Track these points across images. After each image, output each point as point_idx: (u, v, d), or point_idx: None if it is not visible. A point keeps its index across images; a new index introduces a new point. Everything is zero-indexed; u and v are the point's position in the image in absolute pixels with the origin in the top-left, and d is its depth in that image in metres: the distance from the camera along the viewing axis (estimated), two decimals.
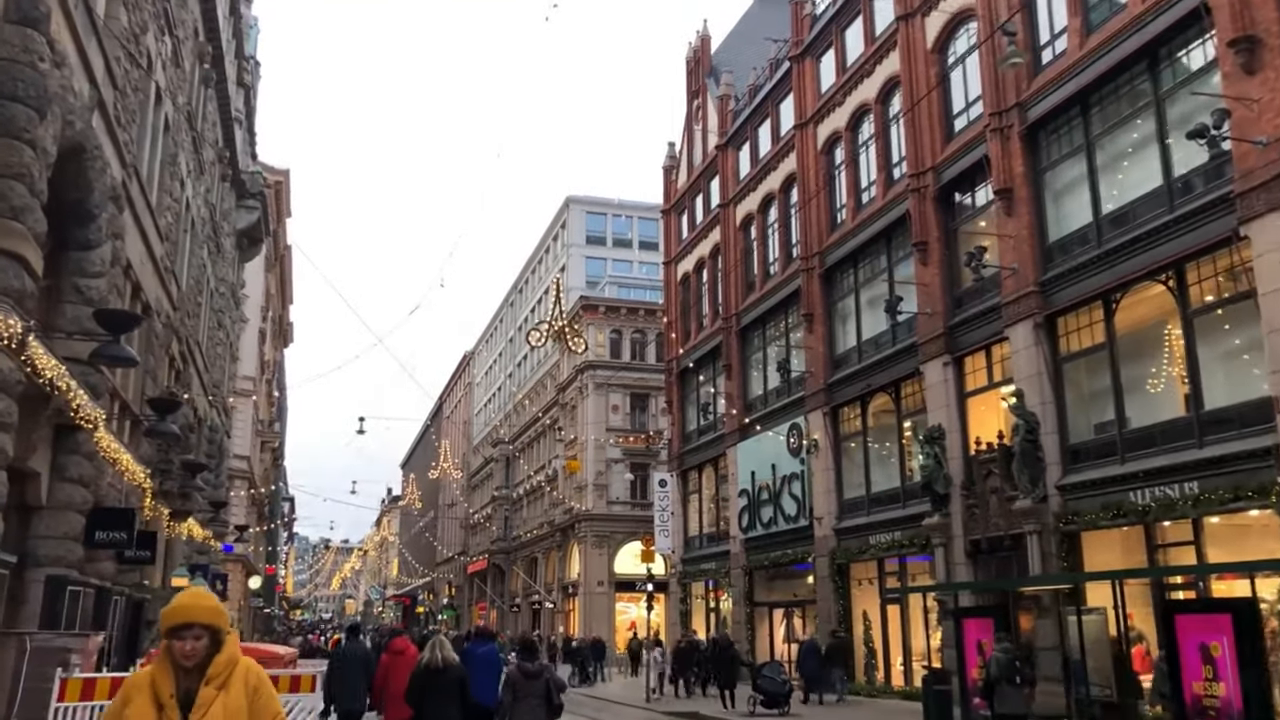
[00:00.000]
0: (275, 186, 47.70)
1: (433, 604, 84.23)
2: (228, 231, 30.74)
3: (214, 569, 29.44)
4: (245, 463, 44.19)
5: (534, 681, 8.94)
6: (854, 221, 26.11)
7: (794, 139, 29.28)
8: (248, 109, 33.30)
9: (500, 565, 65.58)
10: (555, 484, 54.60)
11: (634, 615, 49.44)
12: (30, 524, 12.71)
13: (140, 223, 16.86)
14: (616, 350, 51.10)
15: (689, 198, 37.66)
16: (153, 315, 18.73)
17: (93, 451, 13.52)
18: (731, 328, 32.59)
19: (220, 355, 30.48)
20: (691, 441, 36.15)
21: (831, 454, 26.32)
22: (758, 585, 30.87)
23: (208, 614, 3.75)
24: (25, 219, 9.96)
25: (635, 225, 58.40)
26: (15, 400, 10.05)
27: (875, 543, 24.05)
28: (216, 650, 3.73)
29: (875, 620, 24.54)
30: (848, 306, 26.66)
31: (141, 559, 16.32)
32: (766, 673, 19.55)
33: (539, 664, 9.19)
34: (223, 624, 3.78)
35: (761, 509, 29.71)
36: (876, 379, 24.54)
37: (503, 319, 75.71)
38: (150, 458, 19.20)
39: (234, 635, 3.84)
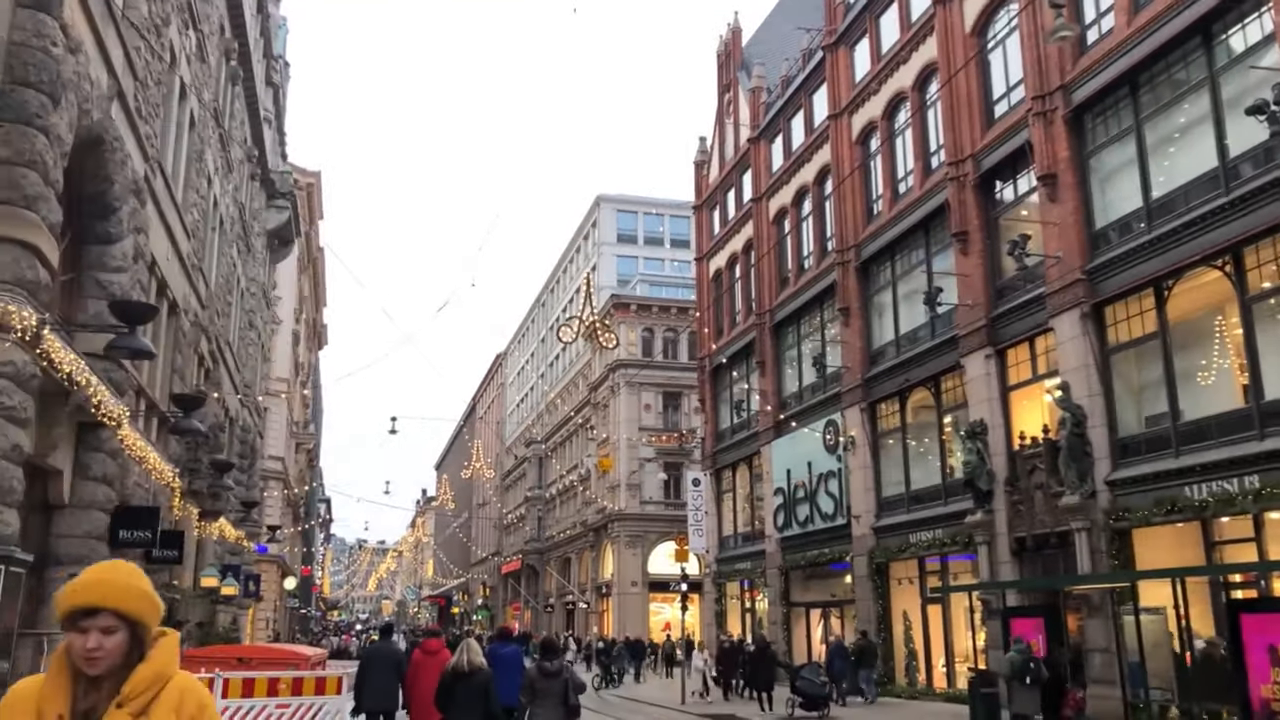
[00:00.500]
0: (307, 189, 47.79)
1: (467, 605, 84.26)
2: (258, 231, 30.66)
3: (247, 569, 29.38)
4: (279, 463, 44.26)
5: (552, 681, 8.92)
6: (890, 212, 25.49)
7: (828, 130, 28.69)
8: (277, 108, 33.23)
9: (534, 566, 65.38)
10: (588, 483, 54.27)
11: (668, 616, 49.00)
12: (52, 522, 12.49)
13: (165, 219, 16.66)
14: (648, 349, 50.67)
15: (721, 193, 37.14)
16: (180, 313, 18.56)
17: (116, 449, 13.28)
18: (765, 324, 32.04)
19: (252, 355, 30.39)
20: (725, 440, 35.63)
21: (869, 451, 25.71)
22: (794, 585, 30.30)
23: (124, 596, 2.55)
24: (39, 208, 9.69)
25: (666, 223, 57.97)
26: (32, 395, 9.78)
27: (915, 541, 23.42)
28: (139, 657, 2.58)
29: (916, 620, 23.90)
30: (885, 300, 26.04)
31: (169, 559, 16.08)
32: (805, 674, 19.02)
33: (558, 664, 9.16)
34: (147, 614, 2.58)
35: (797, 508, 29.14)
36: (915, 373, 23.92)
37: (534, 319, 75.55)
38: (179, 457, 19.02)
39: (170, 639, 2.67)
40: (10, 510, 9.42)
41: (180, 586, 18.81)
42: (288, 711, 11.60)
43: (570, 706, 8.94)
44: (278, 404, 44.55)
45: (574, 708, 9.01)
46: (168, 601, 18.09)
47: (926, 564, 23.71)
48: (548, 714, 8.86)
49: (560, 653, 9.91)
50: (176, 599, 18.40)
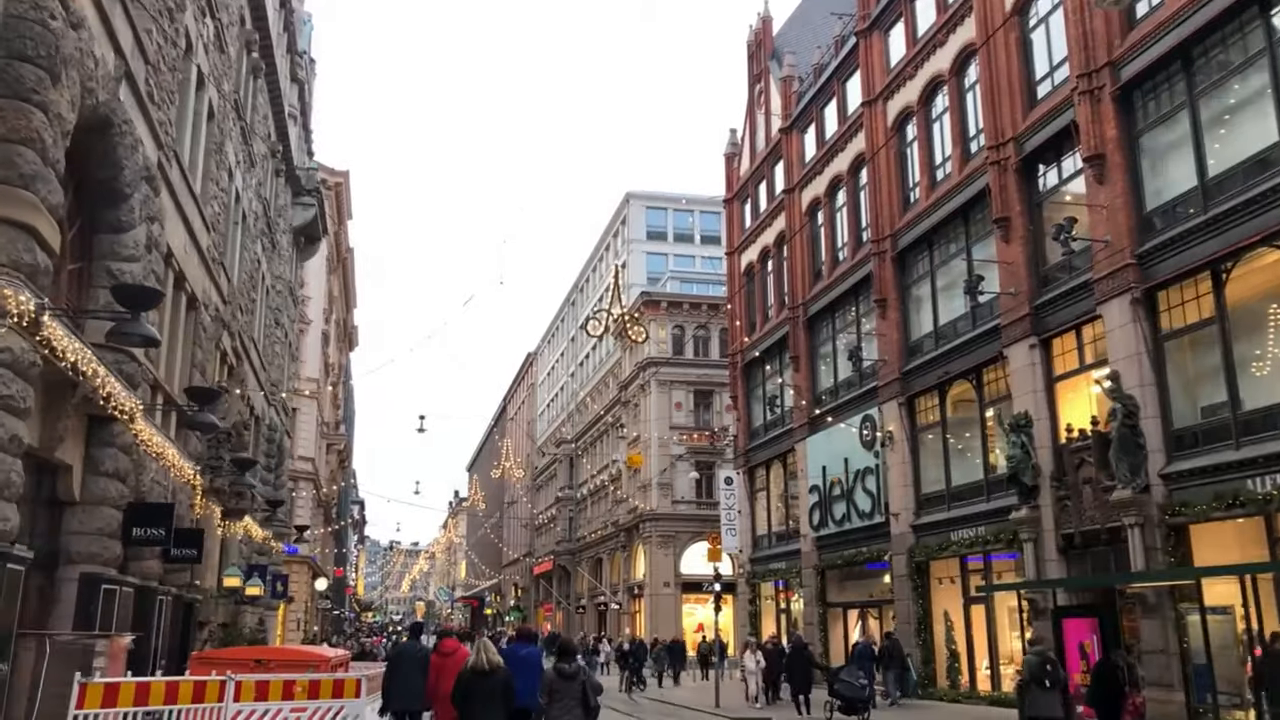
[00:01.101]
0: (335, 188, 47.63)
1: (500, 606, 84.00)
2: (284, 228, 30.37)
3: (274, 570, 29.07)
4: (310, 464, 44.10)
5: (570, 683, 8.90)
6: (928, 200, 24.70)
7: (862, 117, 27.93)
8: (302, 105, 32.96)
9: (565, 566, 64.93)
10: (619, 483, 53.72)
11: (701, 617, 48.32)
12: (63, 519, 12.09)
13: (183, 210, 16.27)
14: (679, 346, 50.03)
15: (752, 185, 36.44)
16: (200, 307, 18.18)
17: (129, 444, 12.87)
18: (799, 317, 31.31)
19: (279, 354, 30.10)
20: (758, 437, 34.91)
21: (908, 446, 24.92)
22: (830, 585, 29.55)
23: None
24: (36, 188, 9.25)
25: (697, 219, 57.30)
26: (32, 384, 9.34)
27: (957, 539, 22.62)
28: None
29: (958, 621, 23.10)
30: (923, 290, 25.24)
31: (187, 558, 15.70)
32: (844, 676, 18.30)
33: (575, 665, 9.14)
34: None
35: (833, 506, 28.39)
36: (955, 365, 23.11)
37: (564, 318, 75.13)
38: (200, 454, 18.65)
39: None
40: (8, 505, 8.97)
41: (202, 586, 18.43)
42: (304, 715, 11.08)
43: (590, 708, 8.91)
44: (308, 404, 44.40)
45: (594, 709, 8.97)
46: (188, 602, 17.73)
47: (968, 563, 22.91)
48: (566, 716, 8.81)
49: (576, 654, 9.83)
50: (198, 599, 18.02)
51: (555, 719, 8.82)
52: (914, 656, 23.84)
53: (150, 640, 14.77)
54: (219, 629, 19.64)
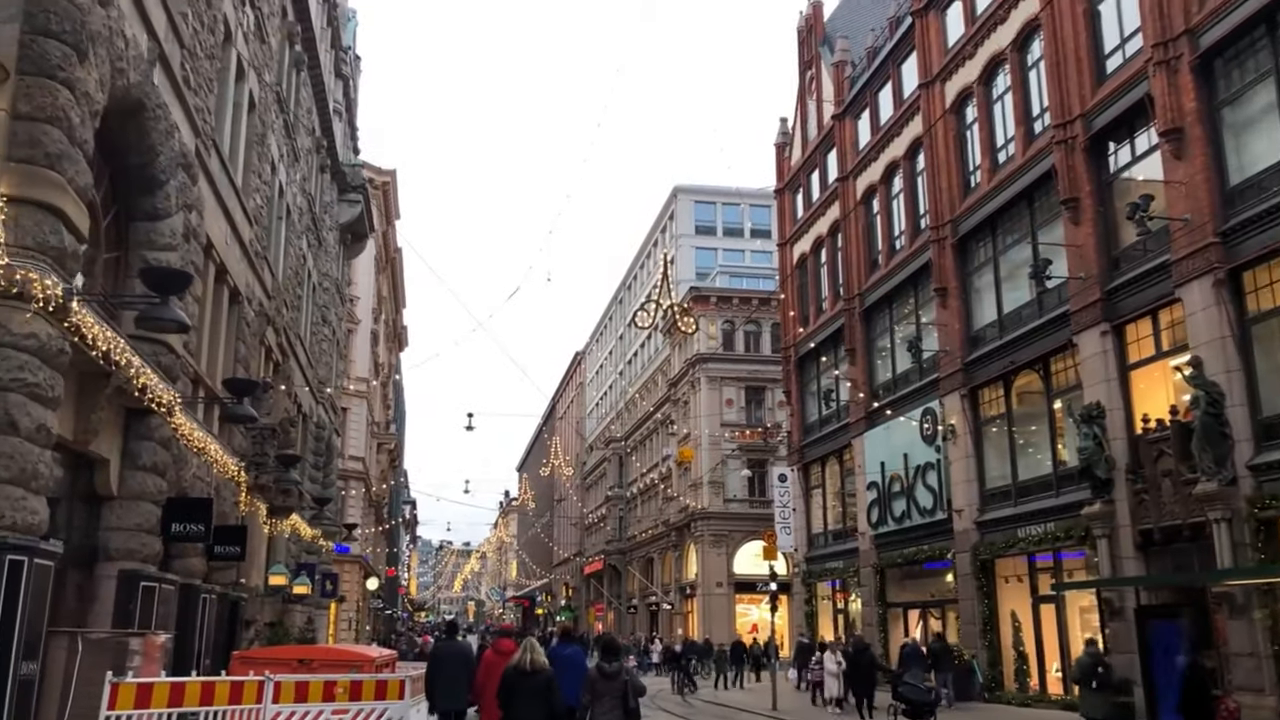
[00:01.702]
0: (382, 188, 47.55)
1: (551, 606, 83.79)
2: (330, 225, 30.20)
3: (324, 569, 28.89)
4: (360, 463, 44.06)
5: (612, 683, 8.95)
6: (990, 184, 23.72)
7: (919, 100, 27.01)
8: (347, 101, 32.79)
9: (616, 566, 64.44)
10: (669, 482, 53.09)
11: (755, 617, 47.52)
12: (101, 514, 11.77)
13: (223, 201, 15.96)
14: (730, 342, 49.23)
15: (804, 174, 35.58)
16: (243, 301, 17.90)
17: (168, 438, 12.52)
18: (854, 309, 30.42)
19: (326, 352, 29.93)
20: (813, 433, 34.06)
21: (971, 440, 23.96)
22: (890, 585, 28.64)
23: None
24: (63, 168, 8.86)
25: (746, 213, 56.44)
26: (60, 372, 8.96)
27: (1024, 536, 21.65)
28: None
29: (1026, 621, 22.12)
30: (985, 277, 24.26)
31: (231, 555, 15.37)
32: (908, 679, 17.48)
33: (617, 665, 9.17)
34: None
35: (893, 502, 27.49)
36: (1021, 355, 22.13)
37: (612, 316, 74.66)
38: (245, 450, 18.37)
39: None
40: (36, 498, 8.58)
41: (248, 585, 18.14)
42: (345, 717, 10.62)
43: (629, 709, 8.95)
44: (358, 404, 44.36)
45: (633, 710, 9.00)
46: (234, 600, 17.43)
47: (1036, 561, 21.93)
48: (607, 715, 8.87)
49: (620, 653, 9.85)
50: (243, 598, 17.73)
51: (596, 718, 8.88)
52: (980, 658, 22.95)
53: (194, 639, 14.46)
54: (266, 628, 19.36)
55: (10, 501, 8.21)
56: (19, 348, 8.36)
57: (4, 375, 8.25)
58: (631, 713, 9.00)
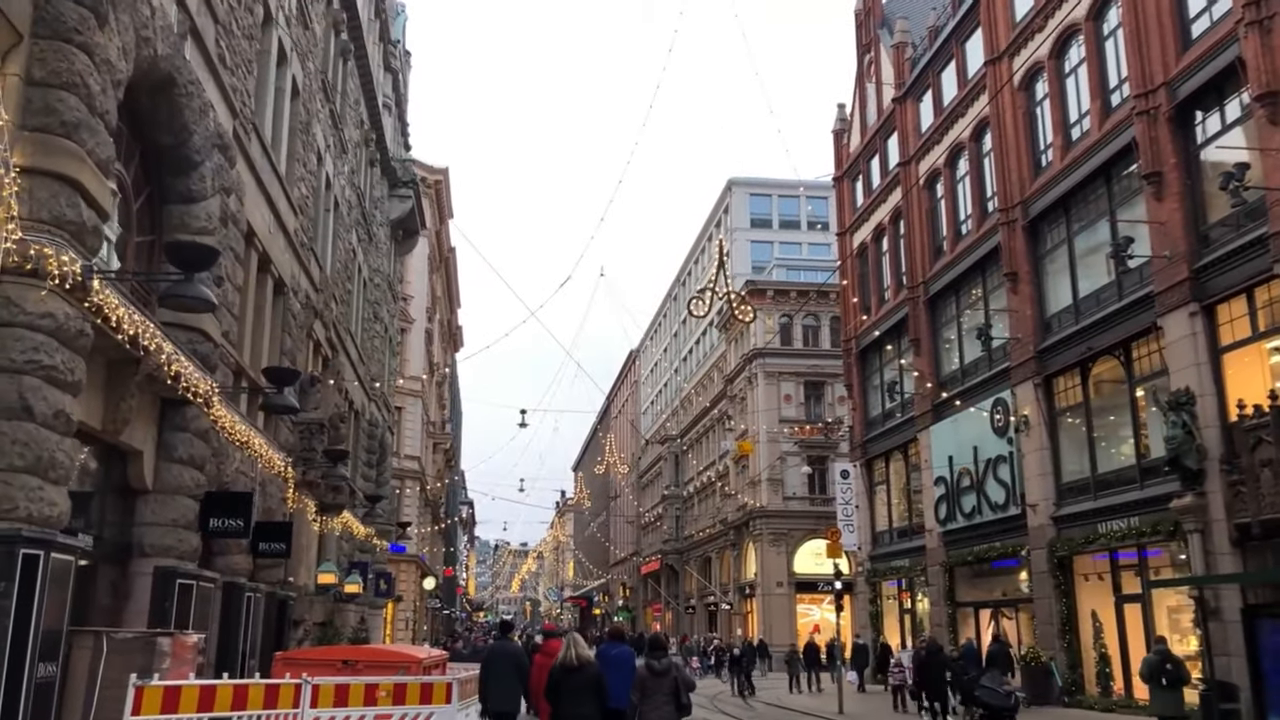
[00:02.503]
0: (435, 186, 47.33)
1: (608, 606, 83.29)
2: (380, 221, 29.85)
3: (378, 568, 28.52)
4: (416, 462, 43.85)
5: (662, 679, 8.94)
6: (1063, 161, 22.52)
7: (984, 78, 25.84)
8: (397, 96, 32.45)
9: (673, 566, 63.63)
10: (726, 480, 52.17)
11: (817, 618, 46.42)
12: (135, 509, 11.30)
13: (265, 188, 15.50)
14: (787, 336, 48.16)
15: (863, 160, 34.48)
16: (288, 293, 17.47)
17: (205, 430, 12.03)
18: (919, 297, 29.29)
19: (378, 349, 29.58)
20: (876, 427, 32.95)
21: (1045, 431, 22.76)
22: (959, 583, 27.47)
23: None
24: (81, 137, 8.33)
25: (802, 204, 55.24)
26: (81, 355, 8.43)
27: (1105, 531, 20.44)
28: None
29: (1108, 622, 20.89)
30: (1059, 260, 23.05)
31: (276, 552, 14.88)
32: (986, 682, 16.47)
33: (666, 662, 9.12)
34: None
35: (962, 498, 26.34)
36: (1099, 340, 20.91)
37: (666, 314, 73.86)
38: (292, 445, 17.95)
39: None
40: (55, 488, 8.06)
41: (296, 583, 17.69)
42: None
43: (682, 704, 8.94)
44: (412, 403, 44.16)
45: (685, 705, 8.99)
46: (282, 599, 16.97)
47: (1119, 558, 20.70)
48: (658, 713, 8.84)
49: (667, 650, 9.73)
50: (291, 597, 17.27)
51: (647, 715, 8.85)
52: (1058, 660, 21.78)
53: (239, 639, 14.00)
54: (315, 628, 18.91)
55: (26, 492, 7.68)
56: (34, 328, 7.84)
57: (18, 356, 7.74)
58: (684, 708, 8.99)
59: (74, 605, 10.68)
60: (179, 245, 8.88)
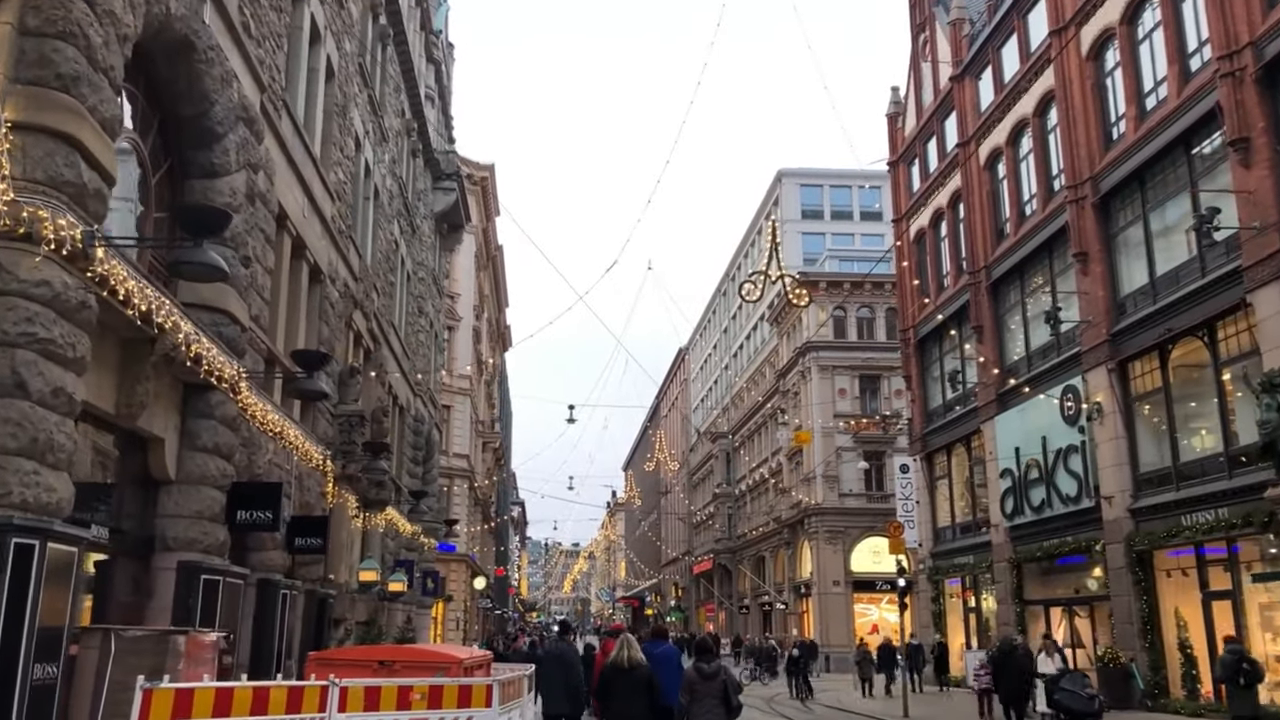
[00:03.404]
0: (481, 183, 46.89)
1: (660, 606, 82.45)
2: (424, 214, 29.32)
3: (425, 566, 27.97)
4: (465, 461, 43.41)
5: (710, 682, 8.87)
6: (1136, 133, 21.22)
7: (1049, 50, 24.55)
8: (440, 88, 31.93)
9: (726, 565, 62.64)
10: (780, 477, 51.06)
11: (874, 617, 45.17)
12: (158, 501, 10.68)
13: (298, 170, 14.90)
14: (841, 329, 46.96)
15: (919, 143, 33.25)
16: (325, 280, 16.88)
17: (232, 417, 11.39)
18: (980, 283, 28.03)
19: (423, 344, 29.04)
20: (936, 420, 31.71)
21: (1121, 418, 21.47)
22: (1028, 580, 26.17)
23: None
24: (80, 92, 7.68)
25: (855, 194, 53.94)
26: (84, 329, 7.78)
27: (1190, 524, 19.12)
28: None
29: (1194, 621, 19.56)
30: (1133, 236, 21.73)
31: (312, 547, 14.26)
32: (1066, 685, 15.36)
33: (715, 664, 9.02)
34: None
35: (1030, 491, 25.07)
36: (1180, 320, 19.60)
37: (716, 309, 72.85)
38: (331, 438, 17.36)
39: None
40: (55, 473, 7.40)
41: (337, 581, 17.07)
42: None
43: (732, 707, 8.88)
44: (461, 401, 43.75)
45: (736, 707, 8.93)
46: (321, 597, 16.37)
47: (1205, 553, 19.37)
48: (708, 715, 8.77)
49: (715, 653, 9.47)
50: (331, 595, 16.65)
51: (697, 718, 8.78)
52: (1139, 661, 20.49)
53: (274, 639, 13.37)
54: (357, 627, 18.31)
55: (19, 476, 7.03)
56: (28, 297, 7.19)
57: (9, 328, 7.09)
58: (734, 710, 8.91)
59: (95, 602, 10.17)
60: (188, 208, 8.20)
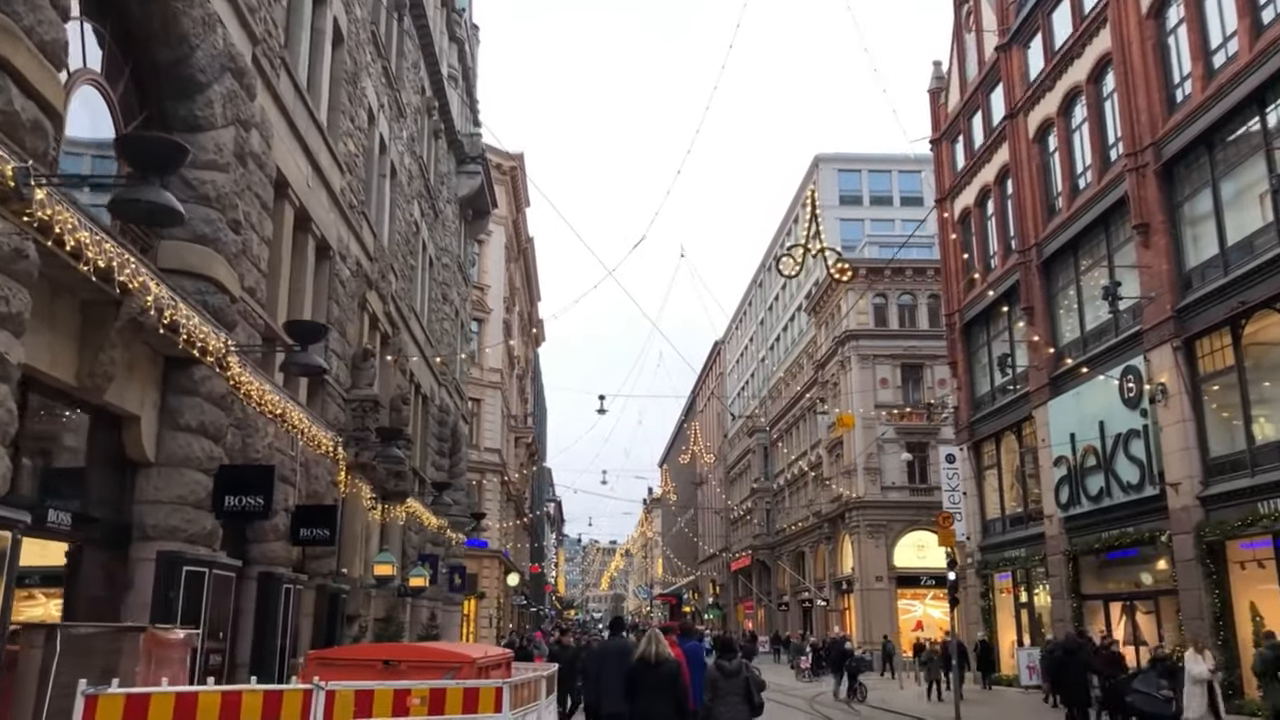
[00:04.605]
0: (510, 173, 45.96)
1: (698, 603, 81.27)
2: (448, 198, 28.37)
3: (453, 562, 27.06)
4: (496, 455, 42.56)
5: (733, 680, 8.90)
6: (1203, 94, 19.73)
7: (1106, 9, 23.07)
8: (464, 69, 30.97)
9: (764, 561, 61.31)
10: (819, 470, 49.67)
11: (919, 613, 43.70)
12: (136, 485, 9.73)
13: (301, 136, 13.94)
14: (882, 317, 45.47)
15: (963, 119, 31.77)
16: (334, 257, 15.93)
17: (220, 394, 10.41)
18: (1031, 262, 26.57)
19: (448, 332, 28.10)
20: (984, 407, 30.27)
21: (1187, 400, 20.00)
22: (1084, 574, 24.71)
23: None
24: (14, 10, 6.70)
25: (895, 179, 52.34)
26: (20, 281, 6.79)
27: (1268, 512, 17.63)
28: None
29: (1273, 615, 18.05)
30: (1200, 206, 20.25)
31: (318, 539, 13.31)
32: (1140, 686, 14.04)
33: (737, 662, 9.08)
34: None
35: (1087, 479, 23.62)
36: (1254, 293, 18.11)
37: (752, 301, 71.48)
38: (344, 424, 16.41)
39: None
40: None
41: (350, 575, 16.12)
42: None
43: (755, 704, 8.90)
44: (491, 395, 42.89)
45: (759, 705, 8.96)
46: (333, 593, 15.41)
47: None
48: (730, 712, 8.79)
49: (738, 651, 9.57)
50: (344, 590, 15.70)
51: (720, 716, 8.78)
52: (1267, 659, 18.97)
53: (276, 637, 12.43)
54: (375, 624, 17.35)
55: None
56: None
57: None
58: (756, 708, 8.94)
59: (66, 597, 9.24)
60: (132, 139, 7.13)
